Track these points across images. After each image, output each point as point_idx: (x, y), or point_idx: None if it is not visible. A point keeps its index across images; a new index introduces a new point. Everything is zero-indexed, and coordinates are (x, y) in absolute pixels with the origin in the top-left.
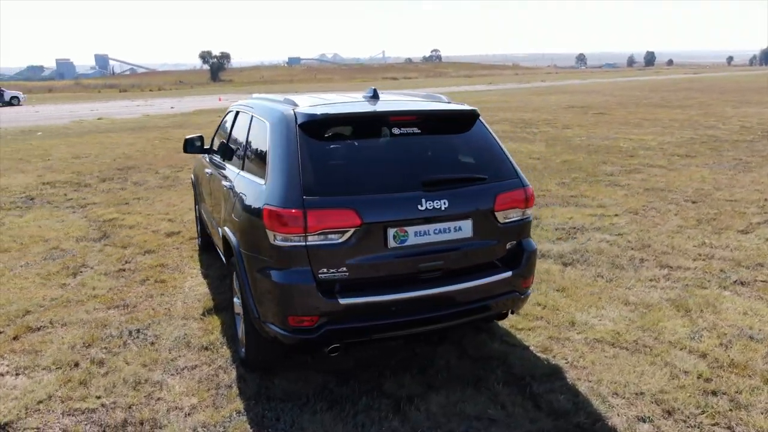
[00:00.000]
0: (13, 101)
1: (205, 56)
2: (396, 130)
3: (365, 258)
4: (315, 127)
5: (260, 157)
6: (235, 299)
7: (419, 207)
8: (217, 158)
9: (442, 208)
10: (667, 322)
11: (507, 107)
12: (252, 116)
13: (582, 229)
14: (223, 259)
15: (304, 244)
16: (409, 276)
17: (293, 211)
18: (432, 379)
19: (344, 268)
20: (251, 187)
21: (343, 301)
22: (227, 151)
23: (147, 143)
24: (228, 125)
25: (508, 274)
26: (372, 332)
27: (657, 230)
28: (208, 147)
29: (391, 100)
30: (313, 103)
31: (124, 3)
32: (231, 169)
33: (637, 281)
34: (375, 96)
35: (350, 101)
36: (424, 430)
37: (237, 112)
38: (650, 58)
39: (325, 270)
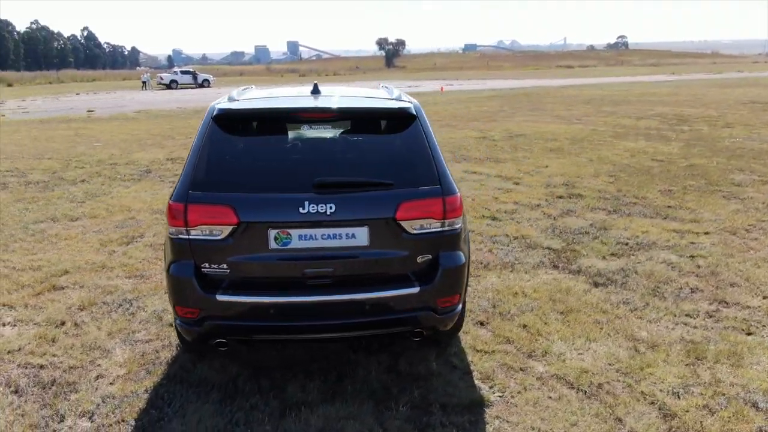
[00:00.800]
0: (204, 84)
1: (381, 43)
2: (306, 128)
3: (246, 257)
4: (225, 122)
5: None
6: None
7: (301, 210)
8: None
9: (328, 213)
10: (660, 368)
11: (671, 101)
12: None
13: (649, 246)
14: None
15: (187, 237)
16: (293, 280)
17: (177, 204)
18: (340, 389)
19: (225, 265)
20: None
21: (220, 298)
22: None
23: None
24: None
25: (415, 289)
26: (251, 332)
27: (744, 256)
28: None
29: (327, 96)
30: (249, 97)
31: None
32: None
33: (667, 314)
34: (315, 91)
35: (283, 96)
36: None
37: None
38: None
39: (207, 265)
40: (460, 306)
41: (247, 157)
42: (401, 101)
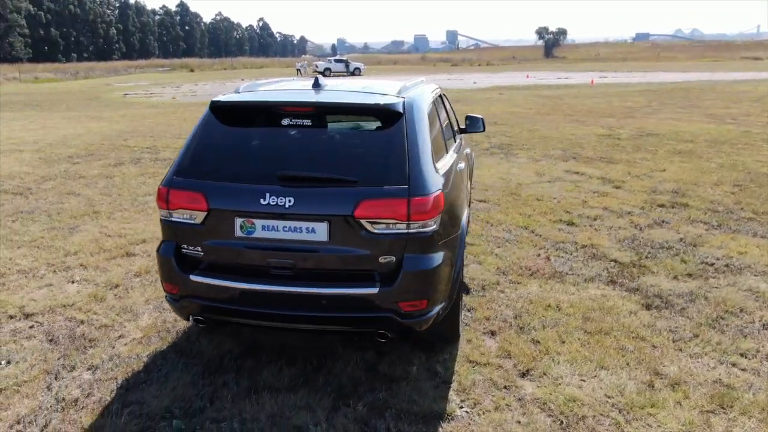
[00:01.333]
0: (355, 72)
1: (541, 32)
2: (285, 121)
3: (216, 242)
4: (218, 113)
5: None
6: None
7: (262, 201)
8: None
9: (286, 206)
10: (668, 410)
11: None
12: None
13: (739, 269)
14: None
15: (170, 220)
16: (257, 268)
17: (162, 188)
18: (312, 379)
19: (200, 248)
20: None
21: (193, 278)
22: None
23: None
24: None
25: (373, 290)
26: (219, 314)
27: None
28: None
29: (325, 91)
30: (252, 90)
31: None
32: None
33: (716, 351)
34: (316, 85)
35: (280, 90)
36: (231, 420)
37: None
38: None
39: (185, 246)
40: (434, 311)
41: (226, 148)
42: (392, 98)
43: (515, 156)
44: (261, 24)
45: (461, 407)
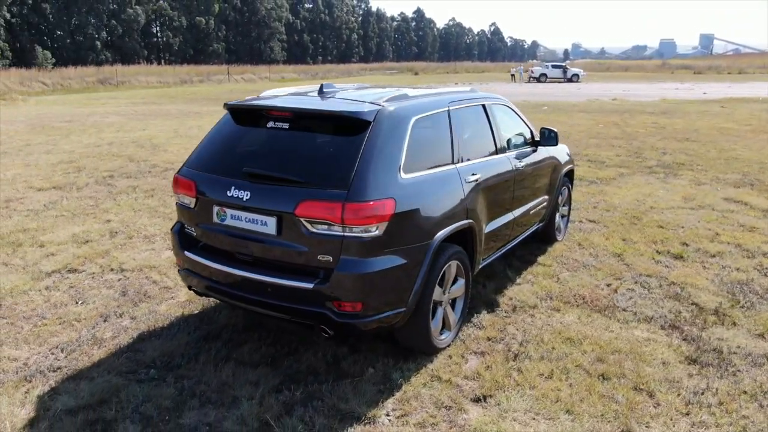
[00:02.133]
0: (573, 78)
1: None
2: (270, 124)
3: (202, 225)
4: (231, 114)
5: None
6: None
7: (228, 193)
8: None
9: (244, 199)
10: None
11: None
12: None
13: None
14: None
15: (178, 203)
16: (228, 252)
17: (175, 176)
18: (278, 360)
19: (194, 229)
20: None
21: (186, 254)
22: None
23: (572, 126)
24: None
25: (308, 285)
26: (204, 288)
27: None
28: None
29: (327, 97)
30: (270, 94)
31: None
32: None
33: (733, 426)
34: (321, 92)
35: (283, 95)
36: (188, 379)
37: None
38: None
39: (187, 227)
40: (379, 315)
41: (222, 145)
42: (366, 106)
43: (676, 177)
44: (492, 29)
45: (387, 415)
